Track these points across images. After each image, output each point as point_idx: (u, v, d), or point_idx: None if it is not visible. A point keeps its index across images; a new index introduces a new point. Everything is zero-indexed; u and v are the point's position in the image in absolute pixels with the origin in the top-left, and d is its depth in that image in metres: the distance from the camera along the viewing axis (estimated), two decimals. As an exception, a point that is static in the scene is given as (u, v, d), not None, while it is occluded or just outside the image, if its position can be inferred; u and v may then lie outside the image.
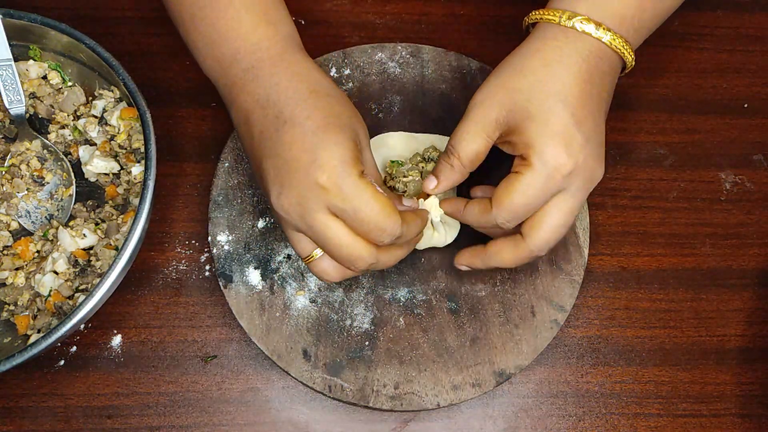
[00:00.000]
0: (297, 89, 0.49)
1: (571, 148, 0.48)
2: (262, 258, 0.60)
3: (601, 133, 0.51)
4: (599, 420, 0.60)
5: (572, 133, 0.49)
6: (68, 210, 0.61)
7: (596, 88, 0.50)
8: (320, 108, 0.49)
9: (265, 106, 0.49)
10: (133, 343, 0.60)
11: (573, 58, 0.50)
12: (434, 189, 0.54)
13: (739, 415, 0.60)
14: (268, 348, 0.57)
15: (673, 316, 0.62)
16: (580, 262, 0.60)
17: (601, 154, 0.51)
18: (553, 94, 0.49)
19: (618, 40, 0.51)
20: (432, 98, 0.65)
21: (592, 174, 0.50)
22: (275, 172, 0.48)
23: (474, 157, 0.52)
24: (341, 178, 0.47)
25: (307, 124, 0.48)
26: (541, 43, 0.51)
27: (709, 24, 0.71)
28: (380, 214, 0.47)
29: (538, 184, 0.49)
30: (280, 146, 0.48)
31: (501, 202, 0.50)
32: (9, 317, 0.57)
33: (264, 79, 0.50)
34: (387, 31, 0.69)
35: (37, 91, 0.62)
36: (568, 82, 0.49)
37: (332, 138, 0.47)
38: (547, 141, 0.48)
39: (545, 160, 0.48)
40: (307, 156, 0.47)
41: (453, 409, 0.59)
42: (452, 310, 0.59)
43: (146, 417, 0.58)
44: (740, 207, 0.66)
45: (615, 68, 0.52)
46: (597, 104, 0.50)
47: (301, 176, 0.47)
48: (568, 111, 0.49)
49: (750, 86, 0.69)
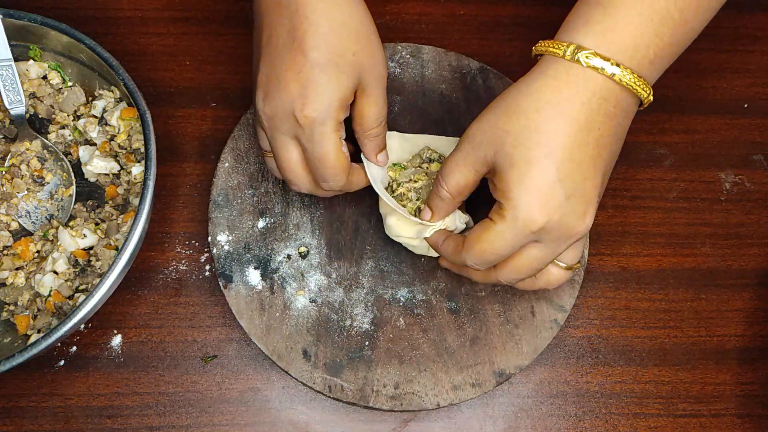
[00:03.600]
0: (323, 12, 0.50)
1: (546, 207, 0.46)
2: (262, 258, 0.60)
3: (591, 185, 0.48)
4: (599, 420, 0.60)
5: (552, 189, 0.46)
6: (68, 210, 0.61)
7: (595, 134, 0.47)
8: (331, 42, 0.49)
9: (283, 14, 0.50)
10: (133, 343, 0.60)
11: (571, 103, 0.46)
12: (431, 220, 0.54)
13: (739, 415, 0.60)
14: (268, 348, 0.57)
15: (673, 316, 0.62)
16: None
17: (587, 208, 0.48)
18: (541, 145, 0.46)
19: (629, 76, 0.46)
20: (432, 98, 0.65)
21: (569, 231, 0.48)
22: (266, 79, 0.51)
23: (462, 188, 0.51)
24: (316, 123, 0.50)
25: (312, 55, 0.49)
26: (540, 81, 0.48)
27: (709, 24, 0.70)
28: (332, 169, 0.52)
29: (507, 237, 0.48)
30: (279, 62, 0.50)
31: (471, 248, 0.50)
32: (9, 317, 0.57)
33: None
34: (387, 31, 0.69)
35: (37, 91, 0.62)
36: (560, 131, 0.46)
37: (328, 78, 0.49)
38: (523, 195, 0.47)
39: (516, 214, 0.47)
40: (297, 87, 0.49)
41: (453, 409, 0.59)
42: (452, 310, 0.59)
43: (146, 417, 0.58)
44: (740, 207, 0.66)
45: (624, 108, 0.48)
46: (593, 153, 0.47)
47: (284, 98, 0.50)
48: (554, 165, 0.46)
49: (750, 86, 0.69)
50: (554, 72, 0.47)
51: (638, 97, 0.49)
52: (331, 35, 0.49)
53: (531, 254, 0.50)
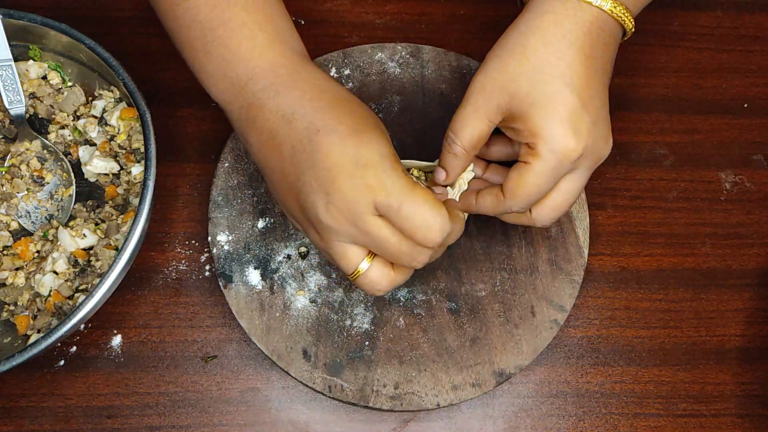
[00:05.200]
0: (321, 99, 0.48)
1: (579, 133, 0.47)
2: (262, 258, 0.60)
3: (606, 108, 0.50)
4: (599, 420, 0.60)
5: (580, 116, 0.47)
6: (68, 210, 0.61)
7: (599, 61, 0.49)
8: (348, 113, 0.48)
9: (292, 120, 0.48)
10: (133, 343, 0.60)
11: (574, 33, 0.48)
12: (445, 180, 0.53)
13: (739, 415, 0.60)
14: (268, 348, 0.57)
15: (673, 316, 0.62)
16: (580, 262, 0.60)
17: (609, 130, 0.50)
18: (558, 77, 0.47)
19: (619, 8, 0.49)
20: (432, 98, 0.65)
21: (600, 153, 0.50)
22: (318, 183, 0.46)
23: (476, 141, 0.51)
24: (386, 173, 0.46)
25: (341, 128, 0.46)
26: (539, 18, 0.49)
27: (709, 24, 0.71)
28: (429, 211, 0.46)
29: (548, 172, 0.48)
30: (318, 155, 0.46)
31: (514, 193, 0.50)
32: (9, 317, 0.57)
33: (286, 95, 0.48)
34: (387, 31, 0.69)
35: (37, 91, 0.62)
36: (572, 61, 0.48)
37: (369, 137, 0.47)
38: (555, 128, 0.47)
39: (554, 148, 0.47)
40: (348, 159, 0.46)
41: (453, 409, 0.59)
42: (452, 310, 0.59)
43: (146, 417, 0.58)
44: (740, 207, 0.66)
45: (616, 37, 0.51)
46: (601, 79, 0.49)
47: (346, 178, 0.45)
48: (575, 94, 0.47)
49: (750, 86, 0.69)
50: (551, 7, 0.49)
51: (623, 27, 0.51)
52: (345, 109, 0.48)
53: (566, 187, 0.50)
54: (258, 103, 0.49)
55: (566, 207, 0.51)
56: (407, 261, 0.48)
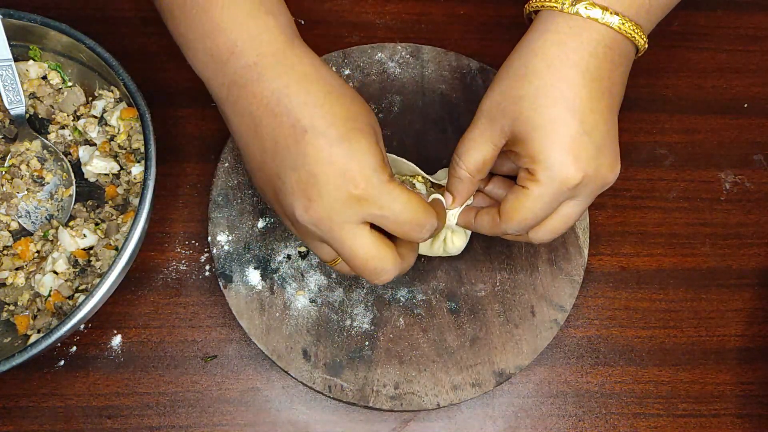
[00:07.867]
0: (309, 91, 0.45)
1: (579, 161, 0.46)
2: (262, 258, 0.60)
3: (614, 134, 0.48)
4: (599, 420, 0.60)
5: (581, 142, 0.46)
6: (68, 210, 0.61)
7: (607, 83, 0.47)
8: (339, 113, 0.45)
9: (277, 113, 0.45)
10: (133, 343, 0.60)
11: (579, 54, 0.46)
12: (452, 204, 0.53)
13: (739, 415, 0.60)
14: (267, 348, 0.57)
15: (673, 316, 0.62)
16: (580, 262, 0.60)
17: (615, 157, 0.48)
18: (561, 101, 0.46)
19: (628, 24, 0.46)
20: (432, 98, 0.65)
21: (603, 181, 0.48)
22: (300, 186, 0.45)
23: (482, 165, 0.50)
24: (376, 188, 0.44)
25: (330, 132, 0.44)
26: (542, 39, 0.47)
27: (709, 24, 0.71)
28: (417, 212, 0.46)
29: (545, 199, 0.47)
30: (303, 158, 0.44)
31: (510, 217, 0.49)
32: (9, 317, 0.57)
33: (270, 81, 0.46)
34: (387, 31, 0.69)
35: (37, 91, 0.62)
36: (576, 84, 0.46)
37: (359, 146, 0.44)
38: (554, 154, 0.46)
39: (552, 174, 0.46)
40: (336, 168, 0.44)
41: (453, 409, 0.59)
42: (452, 310, 0.59)
43: (146, 417, 0.58)
44: (740, 207, 0.66)
45: (627, 56, 0.48)
46: (608, 102, 0.47)
47: (332, 189, 0.44)
48: (577, 119, 0.46)
49: (750, 86, 0.69)
50: (555, 26, 0.47)
51: (635, 45, 0.48)
52: (336, 107, 0.46)
53: (566, 212, 0.49)
54: (240, 82, 0.46)
55: (565, 230, 0.50)
56: (367, 277, 0.47)
